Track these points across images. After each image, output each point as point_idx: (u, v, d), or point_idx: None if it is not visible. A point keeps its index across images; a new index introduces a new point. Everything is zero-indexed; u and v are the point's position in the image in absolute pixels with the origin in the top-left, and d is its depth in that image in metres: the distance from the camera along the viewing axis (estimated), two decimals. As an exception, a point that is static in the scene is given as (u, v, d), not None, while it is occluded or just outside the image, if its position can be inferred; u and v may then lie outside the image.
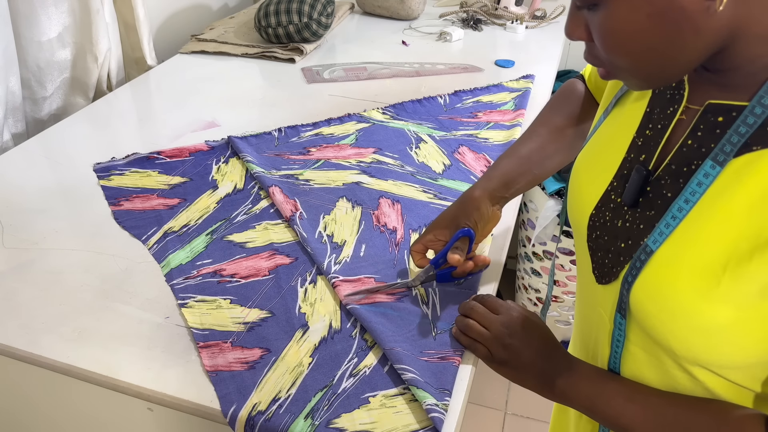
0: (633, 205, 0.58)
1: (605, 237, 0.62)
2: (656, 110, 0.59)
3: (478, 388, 1.88)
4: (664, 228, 0.53)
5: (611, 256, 0.61)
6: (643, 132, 0.60)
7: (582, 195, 0.66)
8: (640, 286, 0.55)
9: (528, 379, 0.66)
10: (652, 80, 0.54)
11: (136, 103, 1.35)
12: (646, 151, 0.59)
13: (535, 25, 1.84)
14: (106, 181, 1.04)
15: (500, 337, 0.68)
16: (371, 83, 1.44)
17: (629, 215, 0.59)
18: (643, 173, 0.57)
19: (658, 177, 0.57)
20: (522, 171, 0.83)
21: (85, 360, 0.71)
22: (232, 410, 0.66)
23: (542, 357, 0.66)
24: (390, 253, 0.90)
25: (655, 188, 0.57)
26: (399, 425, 0.66)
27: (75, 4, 1.28)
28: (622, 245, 0.59)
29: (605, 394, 0.60)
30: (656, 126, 0.59)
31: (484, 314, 0.71)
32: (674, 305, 0.52)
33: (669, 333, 0.54)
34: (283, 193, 1.00)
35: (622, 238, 0.59)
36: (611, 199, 0.62)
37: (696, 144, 0.54)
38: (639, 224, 0.58)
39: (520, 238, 1.99)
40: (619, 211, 0.60)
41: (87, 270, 0.85)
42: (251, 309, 0.79)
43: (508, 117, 1.29)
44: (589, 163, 0.67)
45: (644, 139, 0.60)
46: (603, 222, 0.62)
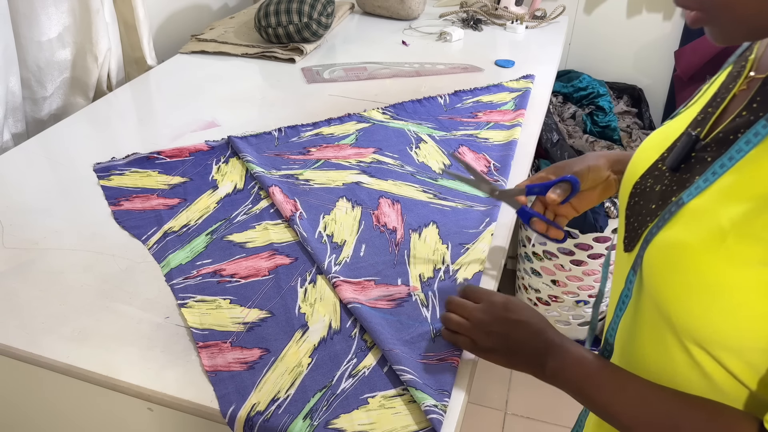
0: (674, 169, 0.58)
1: (641, 202, 0.62)
2: (721, 89, 0.60)
3: (478, 388, 1.88)
4: (702, 183, 0.52)
5: (640, 219, 0.60)
6: (705, 109, 0.60)
7: (634, 165, 0.66)
8: (659, 241, 0.54)
9: (519, 363, 0.65)
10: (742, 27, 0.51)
11: (136, 103, 1.35)
12: (703, 124, 0.58)
13: (535, 25, 1.84)
14: (106, 181, 1.04)
15: (482, 325, 0.67)
16: (371, 83, 1.44)
17: (668, 179, 0.59)
18: (692, 137, 0.57)
19: (705, 144, 0.56)
20: None
21: (85, 360, 0.71)
22: (231, 410, 0.66)
23: (530, 338, 0.64)
24: (390, 253, 0.90)
25: (699, 154, 0.56)
26: (398, 426, 0.66)
27: (75, 4, 1.28)
28: (653, 206, 0.59)
29: (596, 381, 0.59)
30: (716, 101, 0.59)
31: (462, 304, 0.71)
32: (681, 260, 0.52)
33: (670, 294, 0.53)
34: (283, 193, 1.00)
35: (654, 201, 0.59)
36: (657, 167, 0.62)
37: (750, 115, 0.53)
38: (673, 186, 0.57)
39: (520, 238, 1.99)
40: (661, 176, 0.60)
41: (87, 270, 0.85)
42: (251, 309, 0.79)
43: (508, 117, 1.29)
44: (654, 139, 0.66)
45: (704, 114, 0.59)
46: (643, 189, 0.62)
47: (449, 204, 1.01)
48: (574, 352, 0.62)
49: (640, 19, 2.04)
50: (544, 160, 1.84)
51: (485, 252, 0.91)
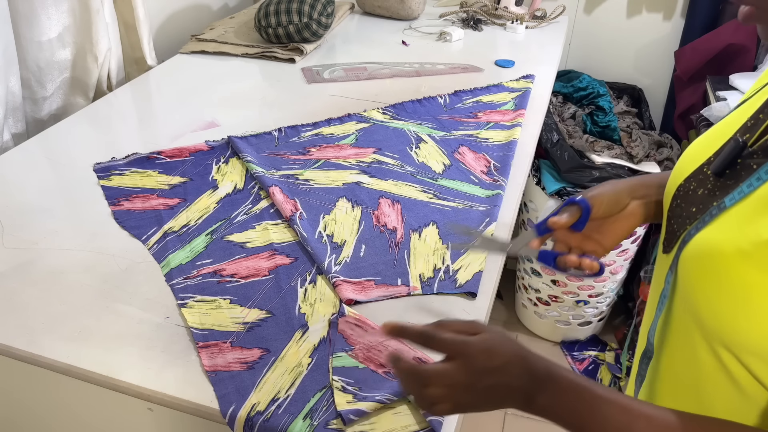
0: (719, 174, 0.56)
1: (683, 205, 0.60)
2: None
3: (478, 388, 1.88)
4: (745, 188, 0.51)
5: (680, 220, 0.59)
6: (756, 115, 0.58)
7: (680, 168, 0.63)
8: (695, 243, 0.53)
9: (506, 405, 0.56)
10: None
11: (136, 103, 1.35)
12: (752, 131, 0.56)
13: (535, 25, 1.84)
14: (106, 181, 1.04)
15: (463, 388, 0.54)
16: (371, 83, 1.44)
17: (711, 183, 0.57)
18: (740, 144, 0.55)
19: (752, 151, 0.54)
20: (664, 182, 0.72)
21: (85, 360, 0.71)
22: (231, 410, 0.66)
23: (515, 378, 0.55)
24: (390, 253, 0.90)
25: (744, 161, 0.55)
26: (398, 426, 0.66)
27: (75, 4, 1.28)
28: (693, 209, 0.57)
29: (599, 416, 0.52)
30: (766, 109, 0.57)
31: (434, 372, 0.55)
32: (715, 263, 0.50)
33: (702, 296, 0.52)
34: (283, 193, 1.00)
35: (695, 204, 0.58)
36: (702, 171, 0.60)
37: None
38: (716, 191, 0.56)
39: (520, 238, 1.99)
40: (705, 180, 0.58)
41: (87, 270, 0.85)
42: (251, 309, 0.79)
43: (508, 117, 1.29)
44: (700, 143, 0.64)
45: (755, 121, 0.57)
46: (686, 191, 0.60)
47: (449, 204, 1.01)
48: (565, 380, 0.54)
49: (640, 19, 2.04)
50: (544, 160, 1.84)
51: (485, 252, 0.91)
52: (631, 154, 1.79)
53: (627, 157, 1.80)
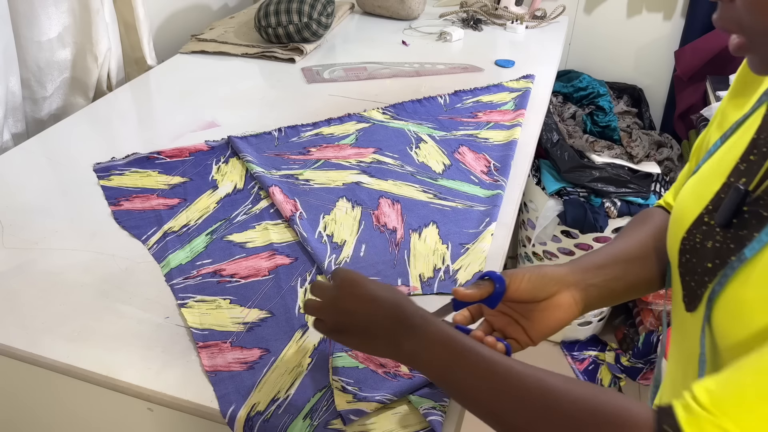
0: (726, 226, 0.54)
1: (693, 260, 0.57)
2: (762, 136, 0.56)
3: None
4: (764, 236, 0.49)
5: (697, 278, 0.56)
6: (747, 157, 0.56)
7: (677, 222, 0.61)
8: (724, 300, 0.51)
9: (373, 345, 0.59)
10: None
11: (136, 103, 1.35)
12: (748, 175, 0.54)
13: (535, 25, 1.84)
14: (106, 181, 1.04)
15: (331, 302, 0.60)
16: (371, 83, 1.44)
17: (720, 236, 0.55)
18: (741, 192, 0.53)
19: (757, 198, 0.52)
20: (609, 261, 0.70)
21: (85, 360, 0.71)
22: (231, 410, 0.66)
23: (383, 315, 0.57)
24: (390, 253, 0.90)
25: (752, 209, 0.52)
26: (398, 426, 0.66)
27: (75, 4, 1.28)
28: (709, 265, 0.55)
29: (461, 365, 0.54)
30: (761, 149, 0.55)
31: (319, 285, 0.63)
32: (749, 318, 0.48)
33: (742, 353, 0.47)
34: (283, 193, 1.00)
35: (709, 259, 0.55)
36: (704, 221, 0.57)
37: None
38: (729, 244, 0.53)
39: (520, 238, 1.99)
40: (711, 232, 0.56)
41: (87, 270, 0.85)
42: (251, 309, 0.79)
43: (508, 117, 1.29)
44: (691, 189, 0.62)
45: (747, 164, 0.55)
46: (693, 245, 0.58)
47: (449, 204, 1.01)
48: (434, 330, 0.55)
49: (640, 19, 2.04)
50: (544, 160, 1.84)
51: (485, 252, 0.91)
52: (631, 154, 1.79)
53: (627, 157, 1.80)
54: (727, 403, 0.43)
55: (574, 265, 0.69)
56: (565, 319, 0.66)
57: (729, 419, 0.42)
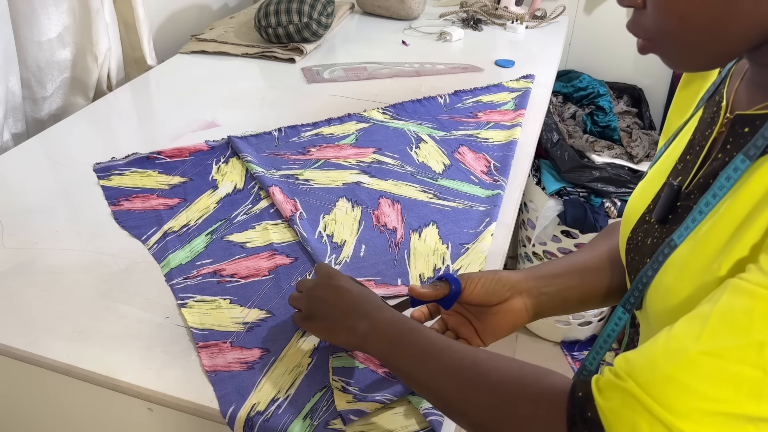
0: (662, 221, 0.57)
1: (636, 258, 0.60)
2: (697, 136, 0.59)
3: (478, 388, 1.88)
4: (690, 222, 0.52)
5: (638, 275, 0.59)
6: (684, 157, 0.59)
7: (625, 222, 0.64)
8: (656, 288, 0.54)
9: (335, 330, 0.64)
10: (694, 53, 0.51)
11: (136, 103, 1.35)
12: (684, 173, 0.58)
13: (535, 25, 1.84)
14: (106, 181, 1.04)
15: (306, 291, 0.68)
16: (371, 83, 1.44)
17: (658, 232, 0.58)
18: (674, 188, 0.56)
19: (688, 192, 0.55)
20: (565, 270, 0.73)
21: (85, 360, 0.71)
22: (231, 410, 0.66)
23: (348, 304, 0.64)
24: (390, 253, 0.90)
25: (684, 203, 0.56)
26: (398, 426, 0.66)
27: (75, 4, 1.28)
28: (648, 260, 0.57)
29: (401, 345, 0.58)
30: (695, 148, 0.58)
31: (303, 280, 0.72)
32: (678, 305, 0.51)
33: None
34: (283, 193, 1.00)
35: (648, 255, 0.58)
36: (646, 220, 0.61)
37: (725, 156, 0.52)
38: (664, 238, 0.56)
39: (520, 238, 1.99)
40: (651, 229, 0.59)
41: (87, 270, 0.85)
42: (251, 309, 0.79)
43: (508, 117, 1.29)
44: (638, 192, 0.65)
45: (684, 163, 0.59)
46: (636, 243, 0.61)
47: (449, 204, 1.01)
48: (387, 314, 0.61)
49: (640, 19, 2.04)
50: (544, 160, 1.84)
51: (485, 252, 0.91)
52: (631, 154, 1.79)
53: (627, 157, 1.80)
54: (637, 369, 0.45)
55: (529, 272, 0.71)
56: (515, 324, 0.70)
57: (636, 383, 0.44)
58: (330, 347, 0.73)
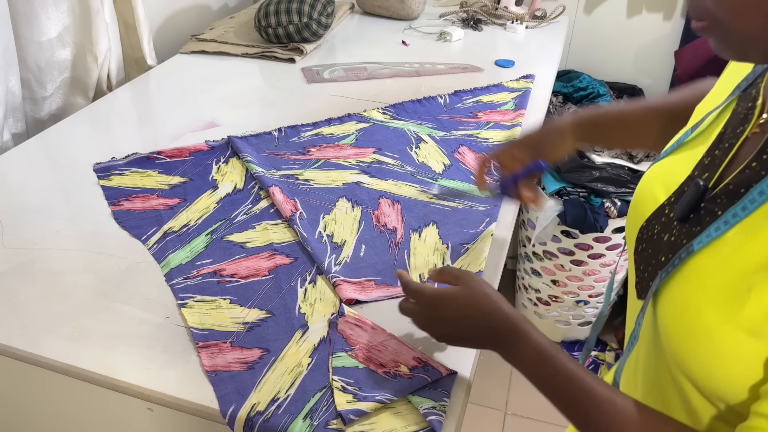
0: (683, 220, 0.56)
1: (649, 250, 0.60)
2: (728, 130, 0.57)
3: (478, 388, 1.88)
4: (713, 231, 0.50)
5: (651, 270, 0.59)
6: (712, 152, 0.57)
7: (639, 207, 0.64)
8: (669, 292, 0.53)
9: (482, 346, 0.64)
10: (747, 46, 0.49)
11: (136, 103, 1.35)
12: (710, 170, 0.56)
13: (535, 25, 1.84)
14: (106, 181, 1.04)
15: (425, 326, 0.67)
16: (371, 83, 1.44)
17: (676, 230, 0.56)
18: (701, 187, 0.54)
19: (715, 195, 0.54)
20: (616, 121, 0.80)
21: (85, 360, 0.71)
22: (231, 410, 0.66)
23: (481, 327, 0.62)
24: (390, 253, 0.90)
25: (708, 206, 0.54)
26: (398, 426, 0.66)
27: (75, 4, 1.28)
28: (663, 259, 0.57)
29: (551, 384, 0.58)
30: (725, 145, 0.56)
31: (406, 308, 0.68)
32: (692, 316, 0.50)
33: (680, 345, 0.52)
34: (283, 193, 1.00)
35: (664, 252, 0.57)
36: (664, 213, 0.59)
37: (761, 168, 0.50)
38: (683, 239, 0.55)
39: (520, 238, 1.99)
40: (669, 225, 0.58)
41: (87, 270, 0.85)
42: (251, 309, 0.79)
43: (509, 117, 1.29)
44: (656, 177, 0.64)
45: (711, 158, 0.57)
46: (650, 235, 0.60)
47: (449, 204, 1.01)
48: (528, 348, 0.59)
49: (640, 19, 2.04)
50: (544, 160, 1.84)
51: (485, 252, 0.91)
52: (631, 154, 1.79)
53: (627, 157, 1.80)
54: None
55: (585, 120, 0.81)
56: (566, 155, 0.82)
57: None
58: (330, 347, 0.74)
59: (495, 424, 1.79)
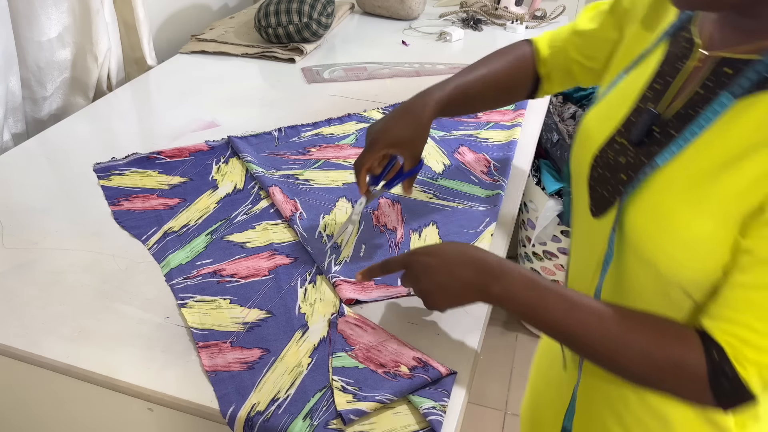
0: (638, 143, 0.64)
1: (607, 173, 0.67)
2: (667, 67, 0.65)
3: (478, 388, 1.88)
4: (674, 147, 0.59)
5: (610, 188, 0.66)
6: (652, 85, 0.66)
7: (588, 140, 0.71)
8: (640, 202, 0.61)
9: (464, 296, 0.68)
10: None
11: (136, 103, 1.35)
12: (655, 100, 0.65)
13: (535, 25, 1.84)
14: (106, 181, 1.04)
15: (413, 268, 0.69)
16: (371, 83, 1.44)
17: (632, 153, 0.65)
18: (653, 114, 0.63)
19: (665, 120, 0.63)
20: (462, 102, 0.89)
21: (85, 360, 0.71)
22: (231, 410, 0.66)
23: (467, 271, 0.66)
24: (390, 253, 0.90)
25: (661, 129, 0.63)
26: (398, 426, 0.66)
27: (75, 4, 1.28)
28: (623, 176, 0.65)
29: (543, 300, 0.63)
30: (665, 78, 0.65)
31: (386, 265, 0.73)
32: (666, 218, 0.58)
33: (658, 247, 0.59)
34: (283, 193, 1.00)
35: (622, 171, 0.65)
36: (616, 141, 0.67)
37: (707, 93, 0.59)
38: (641, 158, 0.63)
39: (520, 238, 1.99)
40: (624, 150, 0.66)
41: (87, 270, 0.85)
42: (251, 309, 0.79)
43: (508, 117, 1.29)
44: (600, 114, 0.72)
45: (654, 91, 0.65)
46: (606, 161, 0.68)
47: (449, 204, 1.01)
48: (518, 276, 0.65)
49: (640, 19, 2.04)
50: (544, 160, 1.84)
51: None
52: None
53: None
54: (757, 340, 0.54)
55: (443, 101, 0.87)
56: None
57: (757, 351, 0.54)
58: (330, 347, 0.74)
59: (495, 424, 1.79)
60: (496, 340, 2.01)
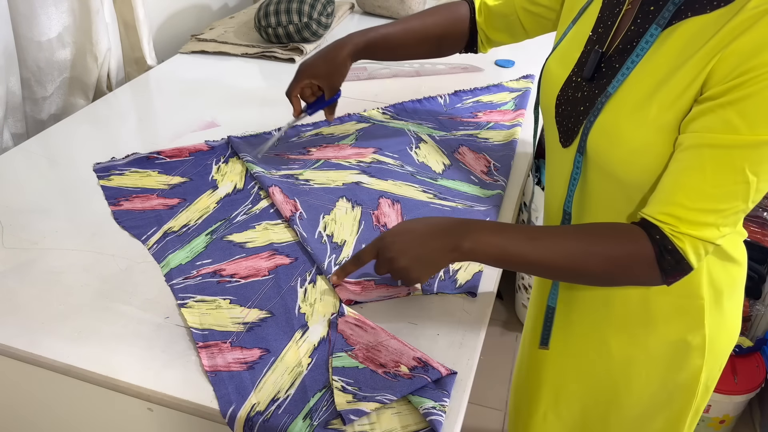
0: (590, 79, 0.76)
1: (569, 108, 0.79)
2: (606, 13, 0.78)
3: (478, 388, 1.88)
4: (620, 76, 0.71)
5: (573, 120, 0.78)
6: (596, 30, 0.78)
7: (551, 84, 0.82)
8: (597, 126, 0.72)
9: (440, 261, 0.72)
10: None
11: (136, 103, 1.35)
12: (599, 42, 0.77)
13: (535, 25, 1.84)
14: (106, 181, 1.04)
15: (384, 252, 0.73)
16: (371, 83, 1.44)
17: (587, 88, 0.76)
18: (599, 52, 0.76)
19: (609, 56, 0.75)
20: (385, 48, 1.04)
21: (85, 360, 0.71)
22: (231, 410, 0.66)
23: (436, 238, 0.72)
24: (390, 253, 0.90)
25: (607, 64, 0.75)
26: (398, 426, 0.66)
27: (75, 4, 1.28)
28: (581, 108, 0.76)
29: (510, 240, 0.70)
30: (606, 23, 0.77)
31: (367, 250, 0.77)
32: (618, 135, 0.70)
33: (614, 158, 0.71)
34: (283, 193, 1.00)
35: (581, 104, 0.77)
36: (573, 80, 0.79)
37: (638, 28, 0.72)
38: (595, 90, 0.75)
39: (520, 238, 1.99)
40: (579, 87, 0.78)
41: (87, 270, 0.85)
42: (251, 309, 0.79)
43: (508, 117, 1.29)
44: (557, 60, 0.83)
45: (597, 34, 0.78)
46: (567, 98, 0.79)
47: (449, 204, 1.01)
48: (482, 225, 0.72)
49: (640, 19, 2.04)
50: (544, 160, 1.84)
51: None
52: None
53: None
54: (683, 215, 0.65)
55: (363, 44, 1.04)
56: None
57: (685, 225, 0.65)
58: (330, 347, 0.74)
59: (495, 424, 1.79)
60: (496, 340, 2.01)
